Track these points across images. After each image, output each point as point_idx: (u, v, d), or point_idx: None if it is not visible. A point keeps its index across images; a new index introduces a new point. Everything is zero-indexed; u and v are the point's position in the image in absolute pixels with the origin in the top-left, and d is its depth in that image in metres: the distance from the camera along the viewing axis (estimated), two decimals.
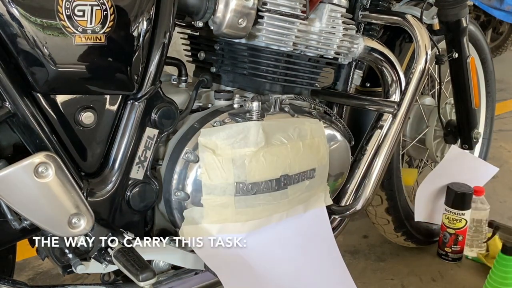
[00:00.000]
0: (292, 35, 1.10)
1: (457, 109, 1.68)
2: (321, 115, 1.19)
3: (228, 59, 1.14)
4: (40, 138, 0.85)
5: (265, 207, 1.02)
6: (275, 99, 1.09)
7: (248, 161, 0.98)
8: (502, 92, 3.76)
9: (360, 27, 1.34)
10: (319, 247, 1.12)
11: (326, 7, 1.14)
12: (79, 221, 0.87)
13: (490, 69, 1.93)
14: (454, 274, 1.65)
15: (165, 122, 0.99)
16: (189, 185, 0.99)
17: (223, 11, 1.01)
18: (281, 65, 1.13)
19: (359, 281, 1.58)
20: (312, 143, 1.08)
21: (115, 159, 0.96)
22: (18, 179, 0.80)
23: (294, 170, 1.05)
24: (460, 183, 1.68)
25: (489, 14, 2.04)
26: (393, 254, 1.77)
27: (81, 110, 0.90)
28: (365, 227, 1.90)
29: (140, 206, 0.99)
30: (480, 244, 1.72)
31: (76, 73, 0.87)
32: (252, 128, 0.99)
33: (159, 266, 1.03)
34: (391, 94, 1.33)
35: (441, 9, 1.49)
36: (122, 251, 0.90)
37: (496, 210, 1.93)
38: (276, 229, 1.06)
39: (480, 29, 1.84)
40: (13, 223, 0.87)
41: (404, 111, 1.24)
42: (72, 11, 0.82)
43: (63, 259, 0.94)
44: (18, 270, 1.49)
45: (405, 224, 1.65)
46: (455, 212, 1.65)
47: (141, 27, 0.91)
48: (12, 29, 0.79)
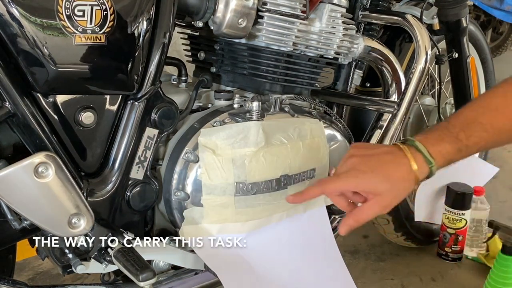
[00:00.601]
0: (292, 35, 1.10)
1: (457, 109, 1.68)
2: (321, 115, 1.19)
3: (228, 59, 1.14)
4: (40, 138, 0.85)
5: (265, 207, 1.02)
6: (275, 99, 1.09)
7: (248, 161, 0.98)
8: None
9: (360, 27, 1.34)
10: (319, 247, 1.12)
11: (326, 7, 1.14)
12: (79, 221, 0.87)
13: (490, 69, 1.92)
14: (454, 274, 1.65)
15: (165, 122, 0.99)
16: (189, 185, 0.99)
17: (223, 11, 1.01)
18: (281, 65, 1.13)
19: (359, 281, 1.58)
20: (312, 143, 1.08)
21: (115, 159, 0.96)
22: (18, 179, 0.80)
23: (294, 170, 1.05)
24: (460, 183, 1.68)
25: (489, 14, 2.04)
26: (393, 254, 1.77)
27: (81, 110, 0.90)
28: (365, 227, 1.88)
29: (140, 206, 0.99)
30: (480, 244, 1.72)
31: (76, 73, 0.87)
32: (252, 128, 0.99)
33: (159, 266, 1.03)
34: (391, 94, 1.34)
35: (441, 9, 1.49)
36: (122, 251, 0.90)
37: (496, 210, 1.93)
38: (276, 229, 1.06)
39: (480, 29, 1.84)
40: (13, 223, 0.87)
41: (404, 111, 1.24)
42: (72, 11, 0.82)
43: (63, 259, 0.94)
44: (18, 270, 1.49)
45: (405, 224, 1.65)
46: (455, 212, 1.65)
47: (141, 27, 0.91)
48: (12, 29, 0.79)
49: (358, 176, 0.85)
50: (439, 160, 0.86)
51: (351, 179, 0.86)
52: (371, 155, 0.88)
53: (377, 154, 0.88)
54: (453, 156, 0.87)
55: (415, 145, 0.86)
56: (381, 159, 0.87)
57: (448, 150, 0.86)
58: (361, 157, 0.88)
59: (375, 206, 0.86)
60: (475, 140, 0.87)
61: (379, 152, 0.88)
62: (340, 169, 0.89)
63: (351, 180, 0.86)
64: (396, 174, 0.85)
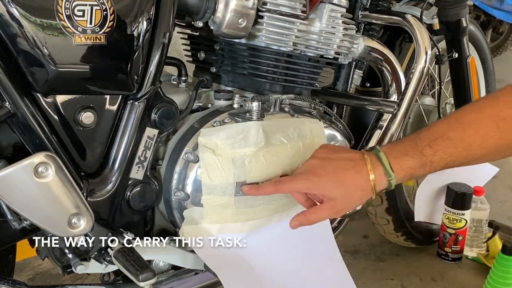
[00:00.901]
0: (292, 35, 1.10)
1: (457, 109, 1.68)
2: (321, 115, 1.19)
3: (228, 59, 1.14)
4: (40, 138, 0.85)
5: (265, 207, 1.02)
6: (275, 99, 1.09)
7: (248, 161, 0.98)
8: None
9: (360, 27, 1.34)
10: (319, 247, 1.12)
11: (326, 7, 1.14)
12: (79, 221, 0.87)
13: (490, 69, 1.92)
14: (454, 274, 1.66)
15: (165, 122, 0.99)
16: (189, 185, 0.99)
17: (223, 11, 1.01)
18: (281, 65, 1.13)
19: (359, 281, 1.58)
20: (312, 143, 1.08)
21: (115, 159, 0.96)
22: (18, 179, 0.80)
23: (294, 170, 1.04)
24: (460, 183, 1.68)
25: (489, 14, 2.04)
26: (393, 254, 1.77)
27: (81, 110, 0.90)
28: (365, 227, 1.90)
29: (140, 206, 0.99)
30: (480, 244, 1.72)
31: (76, 73, 0.87)
32: (252, 128, 0.99)
33: (159, 266, 1.03)
34: (391, 94, 1.34)
35: (441, 9, 1.49)
36: (122, 251, 0.90)
37: (496, 210, 1.93)
38: (276, 229, 1.06)
39: (480, 29, 1.84)
40: (13, 223, 0.87)
41: (404, 111, 1.24)
42: (72, 11, 0.82)
43: (63, 259, 0.93)
44: (18, 270, 1.49)
45: (405, 224, 1.65)
46: (455, 212, 1.65)
47: (141, 27, 0.91)
48: (12, 29, 0.79)
49: (312, 179, 0.87)
50: (399, 173, 0.86)
51: (305, 182, 0.88)
52: (331, 159, 0.89)
53: (338, 159, 0.89)
54: (415, 171, 0.86)
55: (378, 155, 0.87)
56: (340, 165, 0.87)
57: (411, 164, 0.85)
58: (322, 160, 0.89)
59: (327, 210, 0.87)
60: (441, 156, 0.85)
61: (341, 158, 0.89)
62: (299, 170, 0.91)
63: (305, 183, 0.88)
64: (352, 181, 0.86)
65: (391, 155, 0.86)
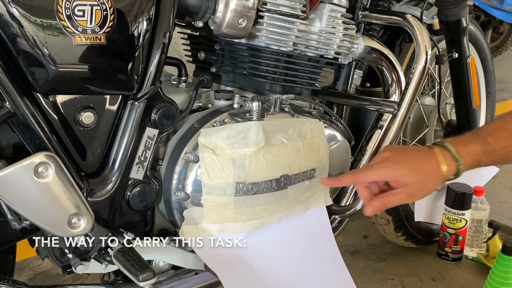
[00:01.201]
0: (292, 35, 1.10)
1: (457, 109, 1.68)
2: (321, 115, 1.19)
3: (228, 59, 1.14)
4: (40, 138, 0.85)
5: (265, 207, 1.02)
6: (275, 99, 1.09)
7: (248, 161, 0.98)
8: (502, 92, 3.76)
9: (360, 27, 1.34)
10: (319, 247, 1.12)
11: (326, 7, 1.14)
12: (79, 221, 0.87)
13: (490, 69, 1.92)
14: (454, 274, 1.65)
15: (165, 122, 0.99)
16: (189, 185, 0.99)
17: (223, 11, 1.01)
18: (281, 65, 1.13)
19: (359, 281, 1.58)
20: (312, 143, 1.08)
21: (115, 159, 0.96)
22: (18, 179, 0.80)
23: (294, 170, 1.05)
24: (460, 183, 1.68)
25: (489, 14, 2.04)
26: (393, 254, 1.77)
27: (81, 110, 0.90)
28: (365, 227, 1.90)
29: (140, 206, 0.99)
30: (480, 244, 1.72)
31: (76, 73, 0.87)
32: (252, 128, 0.99)
33: (159, 266, 1.03)
34: (391, 94, 1.34)
35: (441, 9, 1.49)
36: (122, 251, 0.90)
37: (496, 210, 1.93)
38: (276, 229, 1.06)
39: (480, 29, 1.84)
40: (13, 223, 0.87)
41: (404, 111, 1.24)
42: (72, 11, 0.82)
43: (63, 259, 0.94)
44: (18, 270, 1.49)
45: (405, 224, 1.65)
46: (455, 212, 1.65)
47: (141, 27, 0.91)
48: (12, 29, 0.79)
49: (389, 166, 0.93)
50: (467, 159, 0.93)
51: (383, 169, 0.93)
52: (404, 150, 1.00)
53: (409, 150, 0.99)
54: (481, 157, 0.93)
55: (444, 145, 0.94)
56: (413, 155, 0.95)
57: (476, 150, 0.92)
58: (396, 150, 0.98)
59: (402, 194, 0.92)
60: (502, 144, 0.92)
61: (412, 149, 0.99)
62: (374, 161, 0.97)
63: (383, 170, 0.93)
64: (425, 168, 0.92)
65: (456, 144, 0.94)
